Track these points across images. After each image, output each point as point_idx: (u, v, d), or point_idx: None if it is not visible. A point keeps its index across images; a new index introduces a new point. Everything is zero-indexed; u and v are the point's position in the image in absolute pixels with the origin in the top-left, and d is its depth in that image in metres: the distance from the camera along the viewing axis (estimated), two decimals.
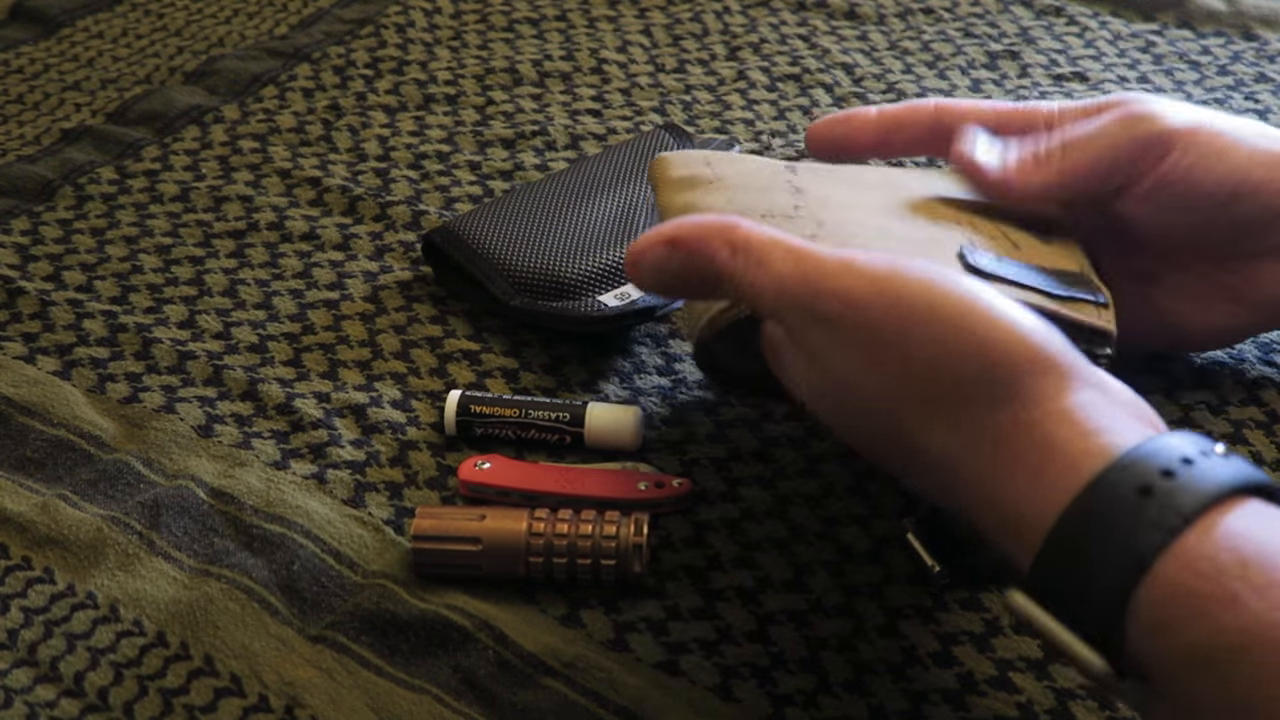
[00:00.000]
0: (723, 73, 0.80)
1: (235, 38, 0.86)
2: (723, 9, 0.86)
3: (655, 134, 0.70)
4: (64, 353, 0.63)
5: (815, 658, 0.49)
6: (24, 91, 0.82)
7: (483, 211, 0.65)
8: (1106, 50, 0.80)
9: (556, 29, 0.85)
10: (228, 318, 0.64)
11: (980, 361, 0.40)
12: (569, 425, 0.56)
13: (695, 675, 0.48)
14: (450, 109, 0.78)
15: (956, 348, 0.40)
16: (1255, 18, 0.82)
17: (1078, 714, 0.47)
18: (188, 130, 0.77)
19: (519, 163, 0.73)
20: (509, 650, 0.49)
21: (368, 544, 0.53)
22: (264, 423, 0.59)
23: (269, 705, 0.48)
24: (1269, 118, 0.73)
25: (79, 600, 0.52)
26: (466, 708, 0.47)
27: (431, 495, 0.55)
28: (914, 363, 0.41)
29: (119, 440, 0.58)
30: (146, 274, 0.67)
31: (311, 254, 0.68)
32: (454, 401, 0.57)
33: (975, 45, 0.81)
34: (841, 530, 0.53)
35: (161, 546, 0.53)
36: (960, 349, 0.40)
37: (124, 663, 0.49)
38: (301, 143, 0.76)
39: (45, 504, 0.55)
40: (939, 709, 0.47)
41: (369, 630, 0.50)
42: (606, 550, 0.50)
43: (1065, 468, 0.37)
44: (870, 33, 0.83)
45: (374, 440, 0.58)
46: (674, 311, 0.62)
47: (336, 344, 0.63)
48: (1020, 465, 0.39)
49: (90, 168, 0.75)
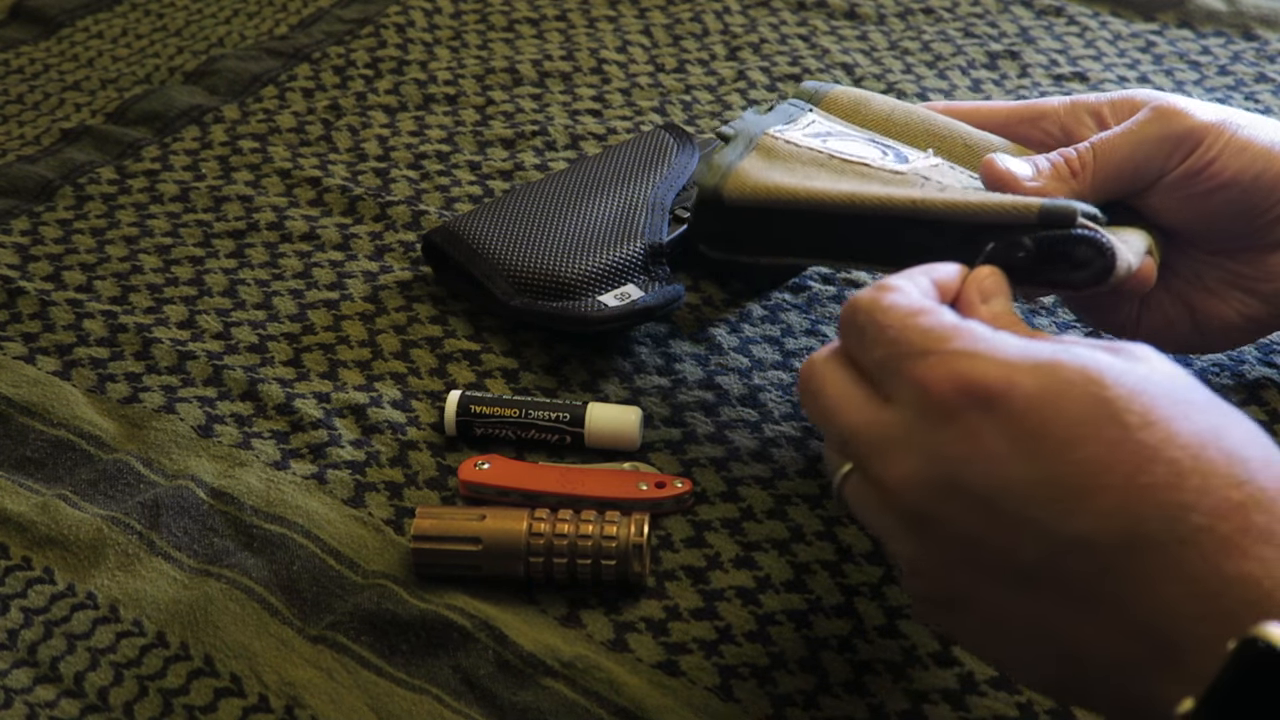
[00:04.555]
0: (723, 73, 0.80)
1: (235, 38, 0.86)
2: (723, 9, 0.86)
3: (655, 134, 0.70)
4: (64, 353, 0.63)
5: (815, 658, 0.49)
6: (24, 91, 0.82)
7: (483, 211, 0.65)
8: (1106, 50, 0.80)
9: (556, 29, 0.85)
10: (228, 318, 0.64)
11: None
12: (569, 425, 0.56)
13: (695, 675, 0.48)
14: (450, 109, 0.78)
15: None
16: (1255, 18, 0.82)
17: (1078, 714, 0.47)
18: (188, 130, 0.77)
19: (519, 163, 0.73)
20: (509, 650, 0.49)
21: (368, 544, 0.53)
22: (264, 423, 0.59)
23: (269, 705, 0.48)
24: (1269, 117, 0.73)
25: (79, 600, 0.52)
26: (466, 708, 0.47)
27: (431, 495, 0.55)
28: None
29: (119, 440, 0.58)
30: (146, 274, 0.67)
31: (311, 254, 0.68)
32: (454, 401, 0.57)
33: (975, 45, 0.81)
34: (841, 530, 0.53)
35: (161, 546, 0.53)
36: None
37: (124, 663, 0.49)
38: (301, 143, 0.76)
39: (45, 504, 0.55)
40: (939, 709, 0.47)
41: (369, 630, 0.50)
42: (607, 550, 0.50)
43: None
44: (870, 33, 0.83)
45: (374, 440, 0.58)
46: (674, 311, 0.62)
47: (336, 344, 0.63)
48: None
49: (90, 168, 0.75)
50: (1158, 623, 0.35)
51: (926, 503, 0.38)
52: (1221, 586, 0.34)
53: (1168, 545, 0.35)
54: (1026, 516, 0.36)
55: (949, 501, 0.37)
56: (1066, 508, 0.36)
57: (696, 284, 0.65)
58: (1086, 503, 0.35)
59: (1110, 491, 0.35)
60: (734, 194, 0.52)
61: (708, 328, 0.62)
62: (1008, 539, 0.37)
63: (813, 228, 0.51)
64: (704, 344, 0.62)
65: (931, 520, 0.38)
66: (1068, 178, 0.51)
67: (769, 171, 0.53)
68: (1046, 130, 0.56)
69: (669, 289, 0.60)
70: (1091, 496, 0.35)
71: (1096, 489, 0.35)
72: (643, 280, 0.61)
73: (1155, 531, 0.35)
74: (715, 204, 0.52)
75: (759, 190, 0.52)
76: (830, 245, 0.52)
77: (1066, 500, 0.36)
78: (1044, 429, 0.36)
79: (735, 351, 0.61)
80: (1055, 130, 0.55)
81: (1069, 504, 0.36)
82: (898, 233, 0.50)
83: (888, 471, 0.39)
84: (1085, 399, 0.36)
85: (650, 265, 0.61)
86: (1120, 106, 0.54)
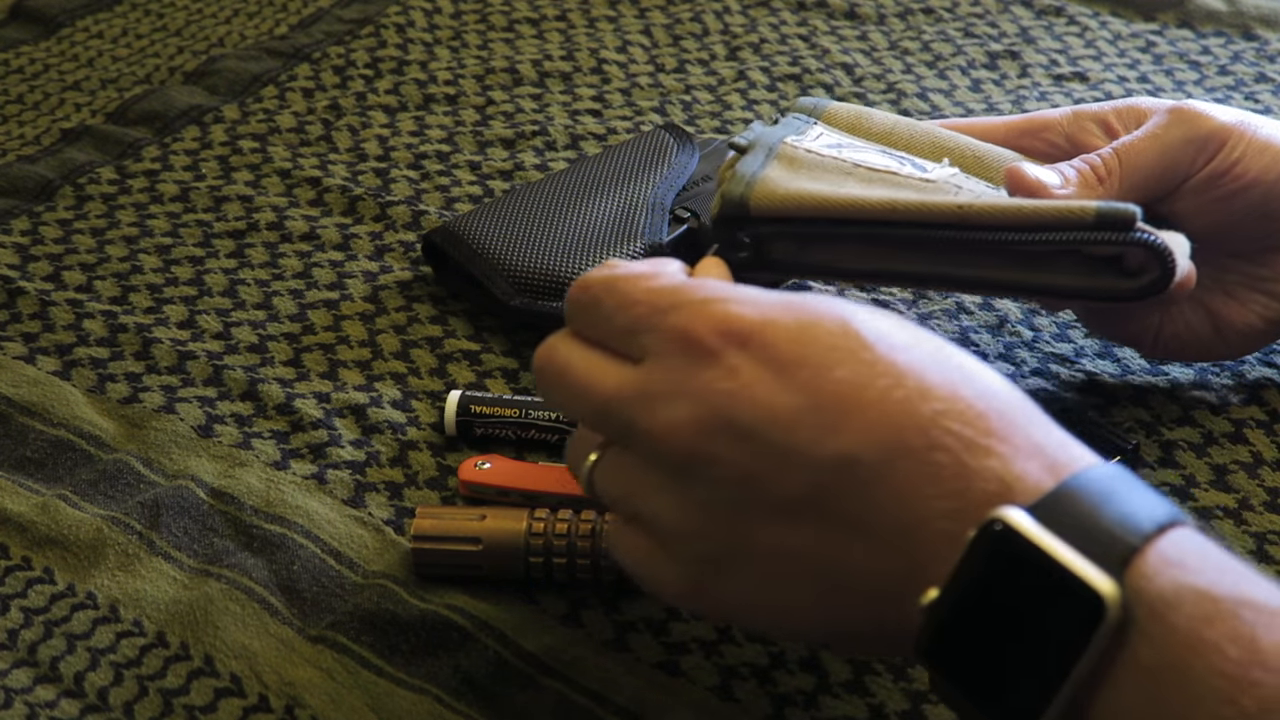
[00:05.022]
0: (723, 73, 0.80)
1: (235, 38, 0.86)
2: (723, 9, 0.86)
3: (655, 134, 0.70)
4: (64, 353, 0.63)
5: (815, 658, 0.49)
6: (24, 91, 0.82)
7: (483, 211, 0.65)
8: (1106, 50, 0.80)
9: (556, 29, 0.85)
10: (228, 318, 0.64)
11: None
12: (569, 425, 0.56)
13: (695, 675, 0.48)
14: (450, 109, 0.78)
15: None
16: (1255, 18, 0.82)
17: None
18: (188, 130, 0.77)
19: (519, 163, 0.73)
20: (509, 650, 0.49)
21: (368, 544, 0.53)
22: (264, 423, 0.59)
23: (269, 705, 0.48)
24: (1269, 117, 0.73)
25: (79, 600, 0.52)
26: (466, 708, 0.47)
27: (431, 495, 0.55)
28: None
29: (119, 440, 0.58)
30: (146, 274, 0.67)
31: (311, 254, 0.68)
32: (454, 401, 0.57)
33: (975, 45, 0.81)
34: None
35: (161, 546, 0.53)
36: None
37: (124, 663, 0.49)
38: (301, 143, 0.76)
39: (45, 504, 0.55)
40: (939, 709, 0.47)
41: (369, 630, 0.50)
42: (607, 550, 0.50)
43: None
44: (870, 33, 0.83)
45: (374, 440, 0.58)
46: None
47: (336, 344, 0.63)
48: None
49: (90, 168, 0.75)
50: (916, 529, 0.37)
51: (697, 444, 0.38)
52: (966, 484, 0.36)
53: (921, 451, 0.37)
54: (792, 444, 0.38)
55: (717, 439, 0.38)
56: (829, 427, 0.37)
57: None
58: (847, 420, 0.37)
59: (868, 408, 0.37)
60: (762, 203, 0.49)
61: None
62: (776, 470, 0.38)
63: (850, 241, 0.49)
64: None
65: (702, 463, 0.39)
66: (1095, 184, 0.51)
67: (796, 180, 0.50)
68: (1051, 141, 0.55)
69: None
70: (851, 415, 0.37)
71: (854, 408, 0.37)
72: None
73: (911, 439, 0.37)
74: (740, 217, 0.49)
75: (790, 199, 0.49)
76: (868, 261, 0.49)
77: (828, 421, 0.37)
78: (801, 357, 0.38)
79: None
80: (1060, 141, 0.55)
81: (831, 424, 0.37)
82: (950, 244, 0.48)
83: (655, 421, 0.39)
84: (836, 328, 0.39)
85: None
86: (1127, 114, 0.54)
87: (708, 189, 0.66)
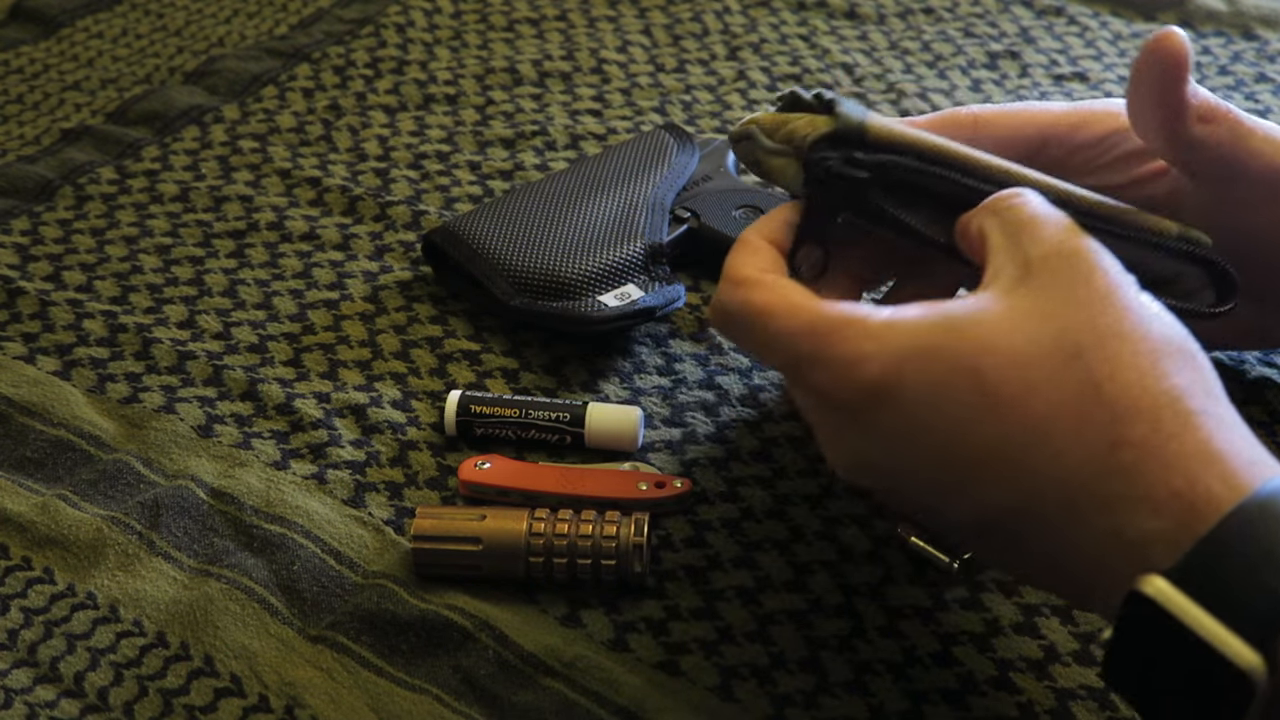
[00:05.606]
0: (723, 73, 0.80)
1: (235, 38, 0.86)
2: (723, 9, 0.86)
3: (655, 134, 0.70)
4: (64, 353, 0.63)
5: (815, 658, 0.49)
6: (24, 91, 0.82)
7: (483, 211, 0.65)
8: (1106, 50, 0.80)
9: (556, 29, 0.85)
10: (228, 318, 0.64)
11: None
12: (569, 425, 0.56)
13: (695, 675, 0.48)
14: (450, 109, 0.78)
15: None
16: (1255, 18, 0.82)
17: (1078, 714, 0.47)
18: (188, 130, 0.77)
19: (519, 163, 0.73)
20: (509, 650, 0.49)
21: (368, 544, 0.53)
22: (264, 423, 0.59)
23: (269, 705, 0.48)
24: (1269, 118, 0.73)
25: (79, 600, 0.52)
26: (466, 708, 0.47)
27: (431, 495, 0.55)
28: None
29: (119, 440, 0.58)
30: (146, 274, 0.67)
31: (311, 254, 0.68)
32: (454, 401, 0.57)
33: (975, 45, 0.81)
34: (841, 530, 0.53)
35: (161, 546, 0.53)
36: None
37: (124, 663, 0.49)
38: (301, 143, 0.76)
39: (45, 504, 0.55)
40: (939, 709, 0.47)
41: (369, 630, 0.50)
42: (607, 550, 0.50)
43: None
44: (870, 33, 0.83)
45: (374, 440, 0.58)
46: (674, 311, 0.62)
47: (336, 344, 0.63)
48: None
49: (90, 168, 0.75)
50: (1072, 569, 0.39)
51: (851, 477, 0.44)
52: (1115, 538, 0.38)
53: (1053, 515, 0.39)
54: (925, 504, 0.43)
55: (864, 477, 0.44)
56: (958, 496, 0.40)
57: (696, 284, 0.65)
58: (972, 491, 0.40)
59: (998, 482, 0.39)
60: (881, 133, 0.47)
61: (708, 328, 0.62)
62: (928, 507, 0.43)
63: (941, 205, 0.47)
64: (704, 344, 0.62)
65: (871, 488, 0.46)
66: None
67: (902, 128, 0.48)
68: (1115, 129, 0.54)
69: (669, 289, 0.60)
70: (976, 486, 0.40)
71: (981, 480, 0.39)
72: (643, 280, 0.61)
73: (1043, 506, 0.39)
74: (857, 137, 0.47)
75: (907, 137, 0.47)
76: (949, 234, 0.47)
77: (956, 491, 0.40)
78: (930, 423, 0.40)
79: (735, 351, 0.61)
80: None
81: (959, 493, 0.40)
82: None
83: (827, 455, 0.44)
84: (967, 391, 0.39)
85: (650, 265, 0.61)
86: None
87: (708, 189, 0.66)
